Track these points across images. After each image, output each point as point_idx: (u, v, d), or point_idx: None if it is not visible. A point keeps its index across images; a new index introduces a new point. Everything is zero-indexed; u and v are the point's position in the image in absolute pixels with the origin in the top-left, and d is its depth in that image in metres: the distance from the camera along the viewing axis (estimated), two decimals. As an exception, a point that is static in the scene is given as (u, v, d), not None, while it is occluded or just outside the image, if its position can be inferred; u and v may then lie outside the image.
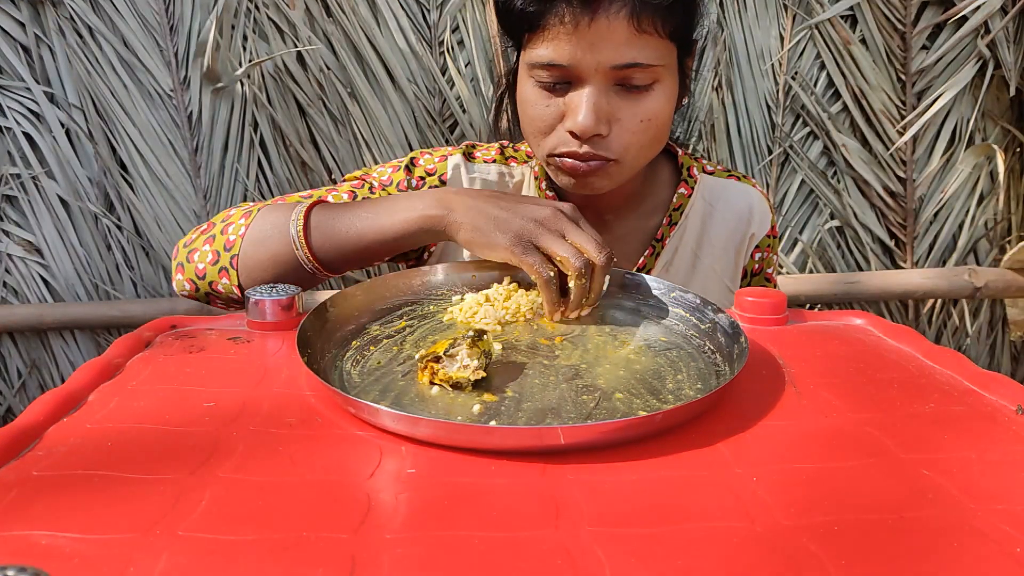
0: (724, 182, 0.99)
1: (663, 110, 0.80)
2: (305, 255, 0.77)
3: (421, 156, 0.95)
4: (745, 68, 1.61)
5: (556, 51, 0.77)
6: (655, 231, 0.96)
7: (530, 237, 0.70)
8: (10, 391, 1.66)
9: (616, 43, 0.75)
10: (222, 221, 0.84)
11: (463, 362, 0.56)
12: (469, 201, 0.74)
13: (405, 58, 1.55)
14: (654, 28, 0.76)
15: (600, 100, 0.78)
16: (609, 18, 0.74)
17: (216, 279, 0.82)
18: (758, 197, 0.99)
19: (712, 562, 0.36)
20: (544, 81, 0.80)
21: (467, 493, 0.43)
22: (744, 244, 0.98)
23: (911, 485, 0.43)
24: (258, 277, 0.80)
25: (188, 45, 1.51)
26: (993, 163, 1.66)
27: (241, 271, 0.80)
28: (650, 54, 0.77)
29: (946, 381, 0.58)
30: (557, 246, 0.69)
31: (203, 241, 0.83)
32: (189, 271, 0.83)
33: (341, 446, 0.48)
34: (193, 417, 0.51)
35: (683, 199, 0.96)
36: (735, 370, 0.56)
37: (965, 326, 1.74)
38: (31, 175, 1.55)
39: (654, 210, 0.97)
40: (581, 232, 0.71)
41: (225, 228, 0.82)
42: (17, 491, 0.41)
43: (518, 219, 0.71)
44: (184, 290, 0.84)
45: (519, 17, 0.79)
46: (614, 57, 0.76)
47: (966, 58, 1.60)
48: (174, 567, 0.35)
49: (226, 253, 0.81)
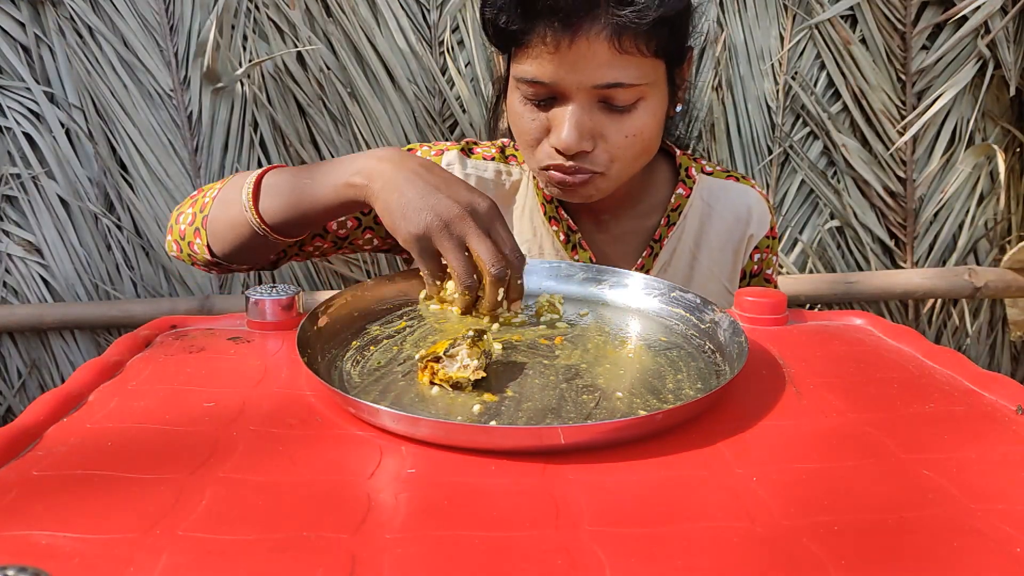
0: (723, 183, 0.98)
1: (648, 125, 0.80)
2: (253, 217, 0.79)
3: (419, 148, 0.95)
4: (745, 68, 1.61)
5: (539, 69, 0.77)
6: (653, 231, 0.96)
7: (431, 236, 0.67)
8: (10, 391, 1.66)
9: (597, 64, 0.75)
10: (209, 187, 0.88)
11: (463, 362, 0.56)
12: (391, 173, 0.71)
13: (405, 58, 1.55)
14: (636, 48, 0.75)
15: (583, 118, 0.77)
16: (589, 39, 0.73)
17: (192, 239, 0.85)
18: (757, 198, 0.99)
19: (712, 562, 0.36)
20: (530, 96, 0.80)
21: (467, 493, 0.43)
22: (743, 245, 0.98)
23: (911, 485, 0.43)
24: (222, 238, 0.83)
25: (188, 45, 1.51)
26: (993, 163, 1.66)
27: (209, 231, 0.84)
28: (632, 74, 0.76)
29: (946, 381, 0.58)
30: (452, 255, 0.66)
31: (188, 204, 0.88)
32: (175, 232, 0.88)
33: (341, 446, 0.48)
34: (193, 417, 0.51)
35: (681, 200, 0.95)
36: (735, 370, 0.56)
37: (965, 326, 1.74)
38: (31, 175, 1.55)
39: (651, 210, 0.96)
40: (482, 241, 0.66)
41: (207, 192, 0.86)
42: (17, 491, 0.41)
43: (427, 212, 0.67)
44: (172, 251, 0.89)
45: (503, 34, 0.79)
46: (595, 77, 0.75)
47: (966, 58, 1.60)
48: (174, 567, 0.35)
49: (200, 215, 0.85)
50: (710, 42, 1.58)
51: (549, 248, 0.94)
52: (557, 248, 0.94)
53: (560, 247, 0.93)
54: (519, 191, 0.96)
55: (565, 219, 0.93)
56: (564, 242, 0.93)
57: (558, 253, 0.94)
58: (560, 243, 0.93)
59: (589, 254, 0.93)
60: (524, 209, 0.95)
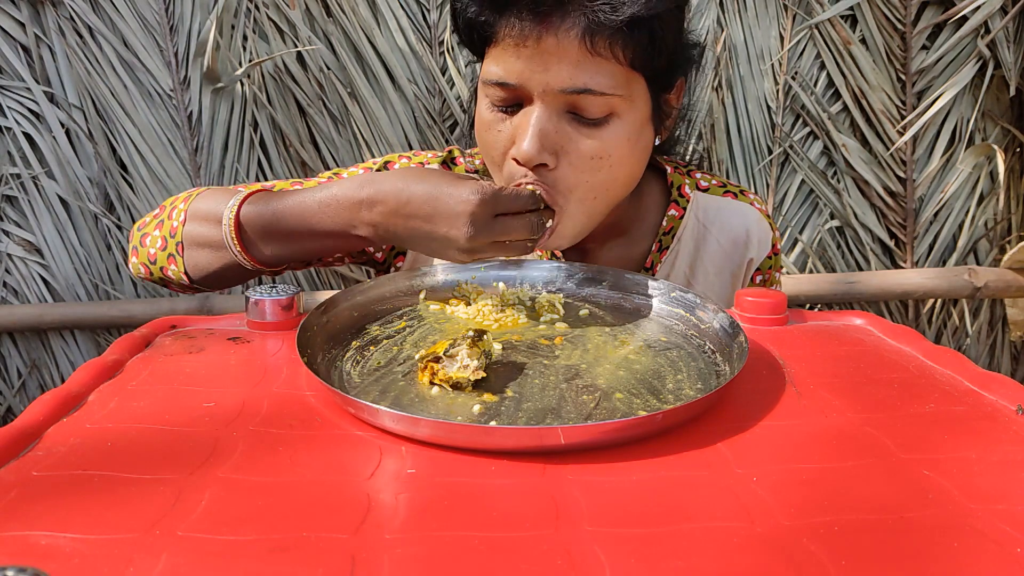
0: (719, 201, 0.93)
1: (619, 148, 0.74)
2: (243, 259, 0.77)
3: (397, 160, 0.91)
4: (745, 68, 1.61)
5: (505, 68, 0.72)
6: (644, 259, 0.91)
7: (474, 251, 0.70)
8: (10, 391, 1.66)
9: (567, 64, 0.70)
10: (170, 205, 0.83)
11: (463, 362, 0.56)
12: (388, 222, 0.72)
13: (405, 58, 1.55)
14: (611, 52, 0.70)
15: (547, 126, 0.72)
16: (559, 36, 0.69)
17: (166, 264, 0.82)
18: (756, 217, 0.93)
19: (712, 562, 0.36)
20: (497, 102, 0.75)
21: (467, 493, 0.43)
22: (742, 270, 0.93)
23: (911, 485, 0.43)
24: (203, 268, 0.80)
25: (188, 45, 1.51)
26: (993, 163, 1.66)
27: (187, 261, 0.80)
28: (604, 81, 0.70)
29: (946, 381, 0.58)
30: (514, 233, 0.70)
31: (154, 225, 0.83)
32: (142, 255, 0.83)
33: (341, 446, 0.48)
34: (193, 417, 0.51)
35: (674, 221, 0.90)
36: (735, 370, 0.56)
37: (965, 326, 1.74)
38: (31, 175, 1.55)
39: (642, 237, 0.91)
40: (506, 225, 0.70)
41: (171, 212, 0.82)
42: (17, 491, 0.41)
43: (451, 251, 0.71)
44: (140, 273, 0.85)
45: (471, 28, 0.74)
46: (563, 79, 0.70)
47: (966, 58, 1.60)
48: (174, 567, 0.35)
49: (171, 239, 0.81)
50: (710, 42, 1.58)
51: None
52: None
53: None
54: None
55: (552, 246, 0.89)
56: None
57: None
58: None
59: None
60: None
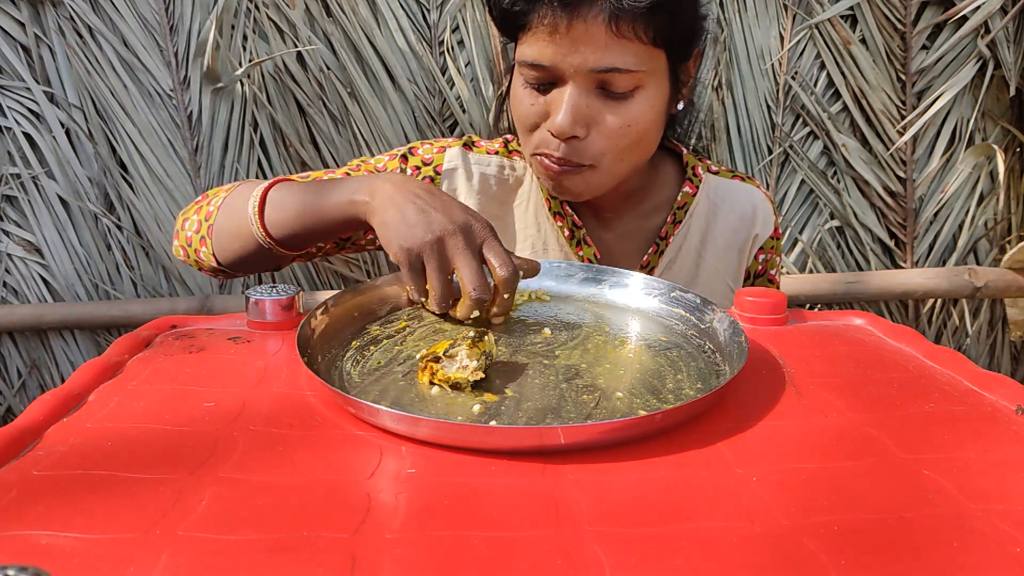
0: (729, 182, 0.99)
1: (645, 116, 0.80)
2: (259, 231, 0.80)
3: (420, 146, 0.96)
4: (745, 68, 1.61)
5: (539, 51, 0.78)
6: (659, 229, 0.96)
7: (420, 252, 0.67)
8: (10, 391, 1.66)
9: (594, 47, 0.75)
10: (213, 193, 0.89)
11: (463, 362, 0.56)
12: (391, 191, 0.72)
13: (405, 58, 1.55)
14: (634, 34, 0.75)
15: (579, 102, 0.78)
16: (587, 22, 0.74)
17: (199, 247, 0.87)
18: (761, 198, 0.99)
19: (712, 562, 0.36)
20: (531, 80, 0.81)
21: (467, 493, 0.43)
22: (748, 245, 0.98)
23: (911, 485, 0.43)
24: (227, 248, 0.84)
25: (188, 45, 1.51)
26: (993, 163, 1.66)
27: (214, 241, 0.85)
28: (630, 60, 0.76)
29: (946, 381, 0.58)
30: (434, 276, 0.67)
31: (194, 210, 0.89)
32: (182, 238, 0.89)
33: (341, 446, 0.48)
34: (193, 417, 0.51)
35: (688, 198, 0.96)
36: (735, 370, 0.56)
37: (965, 326, 1.74)
38: (31, 175, 1.55)
39: (656, 209, 0.97)
40: (469, 263, 0.67)
41: (212, 200, 0.87)
42: (17, 491, 0.41)
43: (419, 228, 0.67)
44: (180, 256, 0.91)
45: (506, 16, 0.80)
46: (592, 61, 0.76)
47: (966, 58, 1.60)
48: (174, 567, 0.35)
49: (205, 223, 0.86)
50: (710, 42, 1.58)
51: (553, 243, 0.94)
52: (561, 244, 0.94)
53: (564, 243, 0.93)
54: (522, 186, 0.96)
55: (569, 214, 0.93)
56: (569, 238, 0.93)
57: (562, 248, 0.94)
58: (565, 239, 0.93)
59: (593, 250, 0.93)
60: (528, 204, 0.95)
